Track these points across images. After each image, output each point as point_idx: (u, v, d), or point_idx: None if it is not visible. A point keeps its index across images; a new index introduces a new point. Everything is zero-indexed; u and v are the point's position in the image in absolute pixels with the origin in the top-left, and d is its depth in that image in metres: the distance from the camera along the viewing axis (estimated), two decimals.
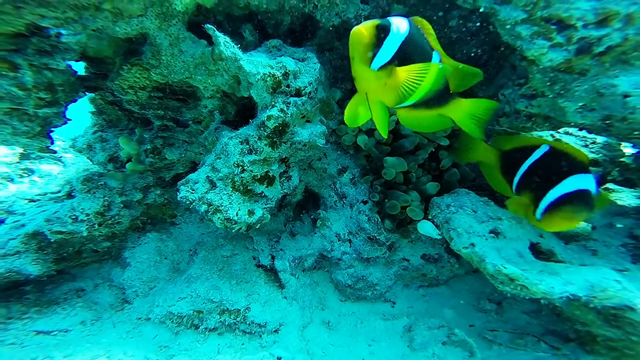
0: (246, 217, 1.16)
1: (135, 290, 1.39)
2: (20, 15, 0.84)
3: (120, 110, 1.52)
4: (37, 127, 1.13)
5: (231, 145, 1.19)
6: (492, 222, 1.13)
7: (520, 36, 1.02)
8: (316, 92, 1.34)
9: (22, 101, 1.03)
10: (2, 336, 1.18)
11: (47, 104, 1.05)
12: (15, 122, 1.09)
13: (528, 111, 1.19)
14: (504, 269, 0.96)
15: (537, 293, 0.94)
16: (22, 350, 1.15)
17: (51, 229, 1.19)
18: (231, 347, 1.27)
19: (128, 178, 1.39)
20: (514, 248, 1.07)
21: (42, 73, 0.99)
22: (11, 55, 0.92)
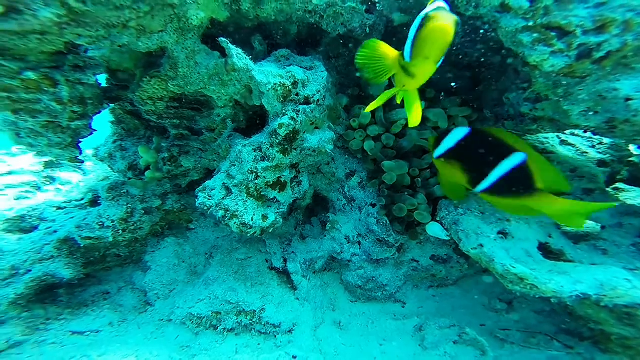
0: (260, 222, 1.22)
1: (157, 293, 1.46)
2: (62, 35, 0.92)
3: (137, 120, 1.60)
4: (69, 139, 1.22)
5: (245, 152, 1.25)
6: (500, 223, 1.16)
7: (522, 43, 1.05)
8: (324, 100, 1.40)
9: (57, 114, 1.11)
10: (44, 336, 1.28)
11: (79, 117, 1.13)
12: (51, 134, 1.18)
13: (533, 114, 1.22)
14: (513, 269, 0.99)
15: (547, 292, 0.96)
16: (62, 350, 1.23)
17: (81, 235, 1.27)
18: (248, 347, 1.32)
19: (147, 186, 1.46)
20: (523, 248, 1.10)
21: (76, 88, 1.07)
22: (52, 72, 1.01)
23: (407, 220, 1.44)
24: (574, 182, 1.34)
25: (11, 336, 1.24)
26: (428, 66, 0.78)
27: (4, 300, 1.27)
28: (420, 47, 0.75)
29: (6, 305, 1.27)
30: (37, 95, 1.02)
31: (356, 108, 1.61)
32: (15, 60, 0.96)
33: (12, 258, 1.33)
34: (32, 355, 1.20)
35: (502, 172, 0.99)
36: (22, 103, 1.03)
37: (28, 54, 0.97)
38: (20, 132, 1.17)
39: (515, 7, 1.01)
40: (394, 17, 1.42)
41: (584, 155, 1.46)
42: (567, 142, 1.50)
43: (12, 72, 0.97)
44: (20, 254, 1.34)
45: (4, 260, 1.33)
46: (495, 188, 1.03)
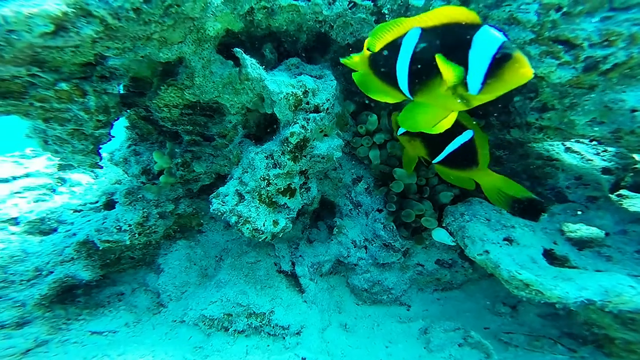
0: (271, 227, 1.26)
1: (169, 295, 1.50)
2: (94, 47, 0.96)
3: (150, 125, 1.65)
4: (91, 145, 1.26)
5: (257, 160, 1.29)
6: (505, 230, 1.19)
7: (529, 55, 1.08)
8: (333, 108, 1.43)
9: (83, 122, 1.16)
10: (67, 335, 1.33)
11: (102, 125, 1.18)
12: (75, 141, 1.23)
13: (539, 123, 1.24)
14: (519, 275, 1.02)
15: (552, 298, 0.99)
16: (84, 349, 1.29)
17: (100, 238, 1.32)
18: (258, 348, 1.37)
19: (162, 190, 1.51)
20: (528, 254, 1.13)
21: (102, 97, 1.12)
22: (82, 83, 1.05)
23: (413, 225, 1.48)
24: (578, 189, 1.37)
25: (38, 335, 1.30)
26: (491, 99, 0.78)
27: (29, 300, 1.33)
28: (498, 87, 0.73)
29: (32, 306, 1.32)
30: (68, 104, 1.06)
31: (363, 115, 1.64)
32: (51, 71, 1.00)
33: (35, 259, 1.39)
34: (58, 354, 1.26)
35: (453, 147, 1.14)
36: (53, 112, 1.08)
37: (62, 66, 1.01)
38: (48, 139, 1.22)
39: (524, 21, 1.04)
40: None
41: (588, 162, 1.48)
42: (572, 150, 1.52)
43: (47, 84, 1.01)
44: (42, 255, 1.39)
45: (29, 261, 1.39)
46: (447, 161, 1.18)
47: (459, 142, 1.14)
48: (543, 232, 1.22)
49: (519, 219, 1.23)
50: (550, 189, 1.43)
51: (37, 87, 1.00)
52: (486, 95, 0.77)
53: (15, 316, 1.30)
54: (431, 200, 1.46)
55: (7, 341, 1.26)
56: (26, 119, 1.10)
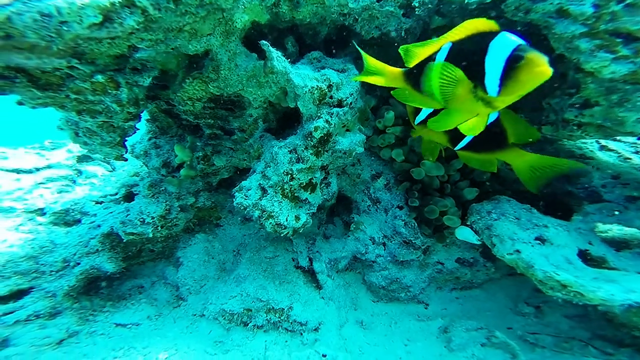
0: (293, 222, 1.25)
1: (189, 288, 1.51)
2: (129, 39, 0.96)
3: (170, 118, 1.66)
4: (118, 137, 1.27)
5: (281, 154, 1.28)
6: (537, 229, 1.15)
7: (579, 49, 1.03)
8: (356, 102, 1.41)
9: (113, 115, 1.16)
10: (94, 327, 1.36)
11: (132, 118, 1.18)
12: (104, 133, 1.24)
13: (578, 120, 1.20)
14: (557, 276, 0.98)
15: (594, 300, 0.95)
16: (111, 341, 1.31)
17: (125, 231, 1.34)
18: (277, 344, 1.36)
19: (182, 183, 1.51)
20: (562, 255, 1.09)
21: (133, 90, 1.12)
22: (116, 75, 1.06)
23: (434, 223, 1.45)
24: (615, 189, 1.32)
25: (69, 326, 1.33)
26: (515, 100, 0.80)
27: (59, 291, 1.36)
28: (515, 88, 0.76)
29: (61, 297, 1.35)
30: (101, 97, 1.06)
31: (383, 109, 1.61)
32: (89, 64, 1.00)
33: (63, 250, 1.41)
34: (88, 345, 1.29)
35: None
36: (87, 104, 1.08)
37: (98, 58, 1.01)
38: (79, 131, 1.23)
39: (576, 13, 0.99)
40: (432, 21, 1.41)
41: (627, 161, 1.42)
42: (607, 148, 1.47)
43: (85, 76, 1.02)
44: (69, 247, 1.42)
45: (57, 252, 1.42)
46: (472, 145, 1.13)
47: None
48: (577, 232, 1.18)
49: (551, 219, 1.19)
50: (582, 188, 1.38)
51: (75, 79, 1.00)
52: (508, 97, 0.80)
53: (48, 306, 1.33)
54: (453, 197, 1.43)
55: (43, 331, 1.29)
56: (61, 110, 1.10)
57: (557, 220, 1.20)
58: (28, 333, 1.30)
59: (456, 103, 0.89)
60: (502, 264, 1.58)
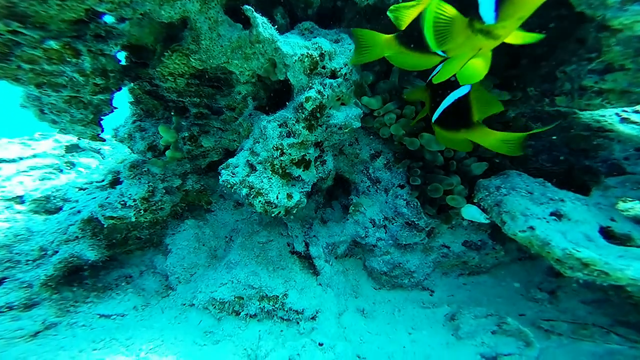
0: (285, 201, 1.15)
1: (178, 277, 1.43)
2: (82, 1, 0.87)
3: (156, 100, 1.56)
4: (90, 115, 1.18)
5: (270, 128, 1.18)
6: (552, 203, 1.04)
7: (605, 4, 0.92)
8: (351, 74, 1.30)
9: (80, 88, 1.07)
10: (75, 318, 1.29)
11: (101, 91, 1.09)
12: (73, 110, 1.15)
13: (598, 87, 1.08)
14: (577, 253, 0.87)
15: (622, 279, 0.84)
16: (92, 332, 1.24)
17: (104, 214, 1.25)
18: (271, 333, 1.28)
19: (168, 165, 1.42)
20: (581, 231, 0.98)
21: (98, 59, 1.03)
22: (74, 42, 0.96)
23: (439, 202, 1.34)
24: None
25: (46, 317, 1.26)
26: (517, 25, 0.74)
27: (35, 281, 1.28)
28: (513, 8, 0.70)
29: (39, 287, 1.27)
30: (60, 66, 0.98)
31: (380, 83, 1.51)
32: (37, 28, 0.92)
33: (40, 238, 1.33)
34: (67, 337, 1.22)
35: (448, 103, 1.06)
36: (45, 76, 1.00)
37: (49, 22, 0.93)
38: (44, 107, 1.14)
39: None
40: None
41: None
42: (629, 120, 1.35)
43: (34, 42, 0.93)
44: (47, 234, 1.34)
45: (33, 240, 1.34)
46: (443, 120, 1.10)
47: (453, 97, 1.06)
48: (597, 207, 1.06)
49: (568, 192, 1.08)
50: (601, 161, 1.27)
51: (23, 46, 0.91)
52: (508, 21, 0.73)
53: (23, 297, 1.26)
54: (459, 175, 1.32)
55: (15, 323, 1.22)
56: (17, 84, 1.02)
57: (574, 194, 1.09)
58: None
59: (455, 44, 0.81)
60: (513, 246, 1.48)
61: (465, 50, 0.82)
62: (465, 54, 0.82)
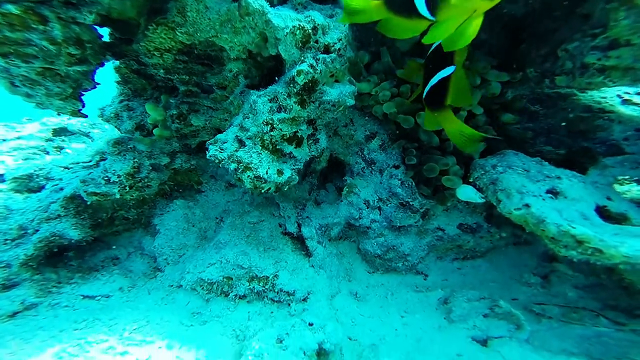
0: (275, 177, 1.11)
1: (166, 258, 1.39)
2: None
3: (144, 79, 1.51)
4: (69, 89, 1.13)
5: (260, 103, 1.14)
6: (549, 180, 1.02)
7: None
8: (345, 50, 1.26)
9: (53, 59, 1.02)
10: (57, 299, 1.25)
11: (77, 62, 1.04)
12: (49, 82, 1.09)
13: (601, 64, 1.05)
14: (573, 229, 0.85)
15: (616, 257, 0.82)
16: (75, 313, 1.21)
17: (87, 190, 1.20)
18: (261, 314, 1.25)
19: (155, 143, 1.38)
20: (577, 210, 0.95)
21: (71, 27, 0.98)
22: (38, 7, 0.91)
23: (434, 183, 1.31)
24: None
25: (25, 297, 1.22)
26: None
27: (15, 261, 1.24)
28: None
29: (18, 267, 1.23)
30: (26, 34, 0.92)
31: (375, 64, 1.47)
32: None
33: (19, 217, 1.29)
34: (47, 317, 1.18)
35: (434, 82, 1.07)
36: (9, 45, 0.93)
37: None
38: (14, 79, 1.08)
39: None
40: None
41: None
42: (631, 102, 1.32)
43: None
44: (27, 212, 1.29)
45: (12, 218, 1.29)
46: (427, 100, 1.12)
47: (439, 76, 1.07)
48: (593, 186, 1.04)
49: (564, 170, 1.05)
50: (600, 142, 1.25)
51: None
52: None
53: (1, 278, 1.21)
54: (456, 157, 1.29)
55: None
56: None
57: (571, 172, 1.06)
58: None
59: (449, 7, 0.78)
60: (508, 230, 1.46)
61: (458, 12, 0.78)
62: (459, 16, 0.78)
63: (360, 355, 1.13)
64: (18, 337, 1.07)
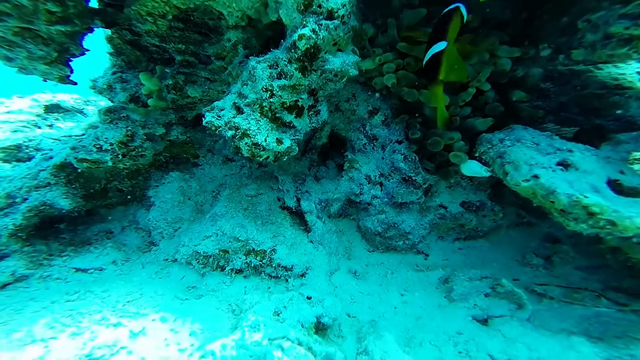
0: (274, 145, 1.07)
1: (161, 232, 1.36)
2: None
3: (138, 51, 1.45)
4: (54, 53, 1.07)
5: (259, 69, 1.08)
6: (560, 153, 0.97)
7: None
8: (349, 17, 1.20)
9: (31, 18, 0.95)
10: (48, 271, 1.22)
11: (59, 20, 0.97)
12: (30, 45, 1.03)
13: (629, 33, 1.00)
14: (585, 199, 0.81)
15: (630, 229, 0.78)
16: (67, 285, 1.18)
17: (77, 157, 1.16)
18: (257, 289, 1.22)
19: (150, 114, 1.33)
20: (589, 182, 0.91)
21: None
22: None
23: (439, 158, 1.27)
24: None
25: (16, 269, 1.19)
26: None
27: (3, 231, 1.20)
28: None
29: (6, 237, 1.19)
30: None
31: (380, 37, 1.41)
32: None
33: (7, 184, 1.24)
34: (39, 289, 1.15)
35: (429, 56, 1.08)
36: None
37: None
38: None
39: None
40: None
41: None
42: None
43: None
44: (15, 180, 1.25)
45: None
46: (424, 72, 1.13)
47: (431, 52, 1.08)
48: (605, 160, 1.00)
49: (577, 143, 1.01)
50: (615, 119, 1.21)
51: None
52: None
53: None
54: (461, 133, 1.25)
55: None
56: None
57: (584, 145, 1.02)
58: None
59: None
60: (511, 210, 1.43)
61: None
62: None
63: (359, 331, 1.11)
64: (9, 307, 1.04)
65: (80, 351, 0.87)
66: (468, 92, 1.26)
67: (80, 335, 0.91)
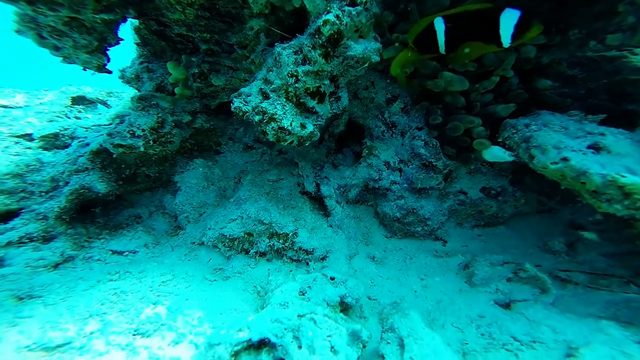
0: (299, 129, 1.10)
1: (187, 216, 1.42)
2: None
3: (164, 41, 1.50)
4: (95, 42, 1.12)
5: (284, 55, 1.11)
6: (590, 137, 0.96)
7: None
8: (371, 4, 1.21)
9: (79, 8, 1.00)
10: (90, 252, 1.31)
11: (104, 9, 1.02)
12: (75, 34, 1.08)
13: None
14: (622, 178, 0.80)
15: None
16: (107, 266, 1.26)
17: (113, 142, 1.22)
18: (280, 272, 1.26)
19: (177, 102, 1.38)
20: (623, 165, 0.90)
21: None
22: None
23: (459, 143, 1.27)
24: None
25: (64, 250, 1.28)
26: None
27: (50, 213, 1.29)
28: None
29: (53, 220, 1.28)
30: None
31: (401, 24, 1.40)
32: None
33: (51, 169, 1.33)
34: (85, 269, 1.24)
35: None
36: None
37: None
38: (42, 30, 1.07)
39: None
40: None
41: None
42: None
43: None
44: (57, 165, 1.33)
45: (45, 171, 1.33)
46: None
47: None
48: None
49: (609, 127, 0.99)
50: None
51: None
52: None
53: (40, 229, 1.27)
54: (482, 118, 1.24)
55: (37, 253, 1.25)
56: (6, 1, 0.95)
57: (617, 128, 1.00)
58: (23, 254, 1.24)
59: None
60: (533, 196, 1.42)
61: None
62: None
63: (380, 312, 1.14)
64: (64, 285, 1.13)
65: (130, 325, 0.95)
66: (491, 81, 1.25)
67: (127, 312, 0.99)
